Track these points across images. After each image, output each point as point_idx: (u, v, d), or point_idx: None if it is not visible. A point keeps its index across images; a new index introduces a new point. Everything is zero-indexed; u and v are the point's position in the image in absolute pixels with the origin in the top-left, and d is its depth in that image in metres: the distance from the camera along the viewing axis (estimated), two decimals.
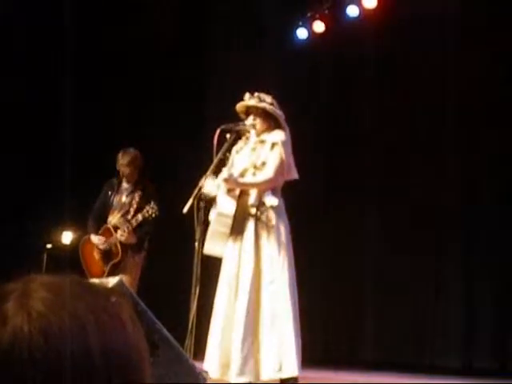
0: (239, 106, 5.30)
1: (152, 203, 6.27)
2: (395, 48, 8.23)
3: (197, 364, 4.37)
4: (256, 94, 5.26)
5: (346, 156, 8.57)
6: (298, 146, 5.38)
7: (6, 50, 8.83)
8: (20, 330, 0.76)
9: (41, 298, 0.79)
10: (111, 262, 6.48)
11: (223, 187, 5.09)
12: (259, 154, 5.18)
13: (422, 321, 7.97)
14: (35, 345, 0.76)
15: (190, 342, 4.67)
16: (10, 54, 8.90)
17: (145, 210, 6.27)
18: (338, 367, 7.53)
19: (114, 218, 6.56)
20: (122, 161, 6.51)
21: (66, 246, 8.55)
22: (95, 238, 6.57)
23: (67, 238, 8.56)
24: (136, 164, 6.55)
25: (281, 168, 5.09)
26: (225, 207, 5.09)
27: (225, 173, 4.98)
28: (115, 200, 6.63)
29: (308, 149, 6.56)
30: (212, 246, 5.08)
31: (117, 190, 6.65)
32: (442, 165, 8.03)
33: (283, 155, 5.09)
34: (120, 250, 6.44)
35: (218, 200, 5.11)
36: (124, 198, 6.58)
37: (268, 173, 5.07)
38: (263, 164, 5.12)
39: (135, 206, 6.39)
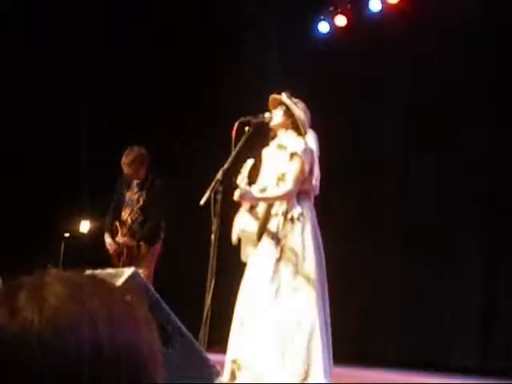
0: (270, 99, 5.29)
1: (135, 209, 6.34)
2: (418, 43, 8.17)
3: (210, 356, 4.37)
4: (289, 93, 5.23)
5: (369, 150, 8.54)
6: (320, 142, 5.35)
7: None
8: (30, 322, 0.76)
9: (54, 292, 0.79)
10: (121, 260, 6.54)
11: (244, 206, 5.09)
12: (279, 162, 5.15)
13: (438, 319, 7.94)
14: (45, 337, 0.75)
15: (203, 334, 4.66)
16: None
17: (134, 211, 6.34)
18: (353, 363, 7.52)
19: (125, 215, 6.63)
20: (125, 160, 6.52)
21: (83, 234, 8.59)
22: (107, 239, 6.65)
23: (85, 226, 8.60)
24: (139, 163, 6.53)
25: (300, 179, 5.05)
26: (247, 224, 5.09)
27: (237, 191, 4.93)
28: (127, 196, 6.68)
29: (329, 145, 6.52)
30: (245, 254, 5.12)
31: (129, 185, 6.69)
32: (466, 158, 7.99)
33: (304, 165, 5.06)
34: (125, 250, 6.51)
35: (243, 218, 5.11)
36: (134, 195, 6.63)
37: (287, 185, 5.03)
38: (284, 175, 5.08)
39: (141, 203, 6.42)
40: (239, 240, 5.07)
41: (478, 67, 7.91)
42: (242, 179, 4.93)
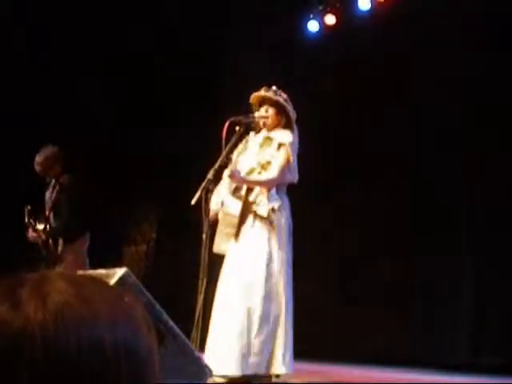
0: (253, 97, 5.28)
1: (49, 207, 6.55)
2: (406, 42, 8.19)
3: (202, 356, 4.38)
4: (273, 87, 5.25)
5: (353, 148, 8.55)
6: (305, 139, 5.37)
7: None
8: (33, 316, 0.76)
9: (57, 287, 0.79)
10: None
11: (228, 187, 5.10)
12: (265, 152, 5.18)
13: (428, 316, 7.96)
14: (48, 332, 0.75)
15: (196, 334, 4.67)
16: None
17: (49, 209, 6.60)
18: (345, 361, 7.54)
19: (47, 213, 6.80)
20: (37, 159, 6.68)
21: None
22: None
23: None
24: (51, 161, 6.67)
25: (286, 169, 5.10)
26: (230, 207, 5.10)
27: (228, 170, 4.98)
28: (46, 195, 6.84)
29: (314, 142, 6.55)
30: (220, 244, 5.11)
31: (47, 185, 6.84)
32: (455, 159, 8.01)
33: (290, 157, 5.09)
34: (42, 247, 6.65)
35: (224, 200, 5.12)
36: (49, 194, 6.78)
37: (273, 172, 5.08)
38: (268, 163, 5.11)
39: (52, 202, 6.62)
40: (213, 227, 5.07)
41: (472, 66, 7.92)
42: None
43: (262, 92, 5.26)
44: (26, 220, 6.65)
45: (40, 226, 6.62)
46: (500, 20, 7.67)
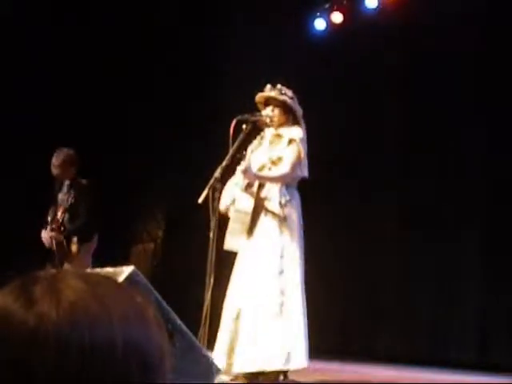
0: (259, 97, 5.31)
1: (65, 209, 6.61)
2: (413, 40, 8.17)
3: (210, 354, 4.38)
4: (278, 86, 5.27)
5: (364, 147, 8.53)
6: (312, 137, 5.37)
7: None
8: (47, 314, 0.75)
9: (71, 285, 0.78)
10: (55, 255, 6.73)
11: (241, 184, 5.12)
12: (276, 148, 5.22)
13: (437, 314, 7.95)
14: (62, 332, 0.75)
15: (203, 332, 4.67)
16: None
17: (64, 211, 6.67)
18: (353, 359, 7.53)
19: (59, 214, 6.83)
20: (54, 161, 6.72)
21: None
22: (42, 234, 6.81)
23: None
24: (68, 164, 6.71)
25: (297, 164, 5.15)
26: (243, 204, 5.12)
27: (242, 165, 5.01)
28: (59, 196, 6.88)
29: (322, 139, 6.54)
30: (231, 241, 5.14)
31: (60, 186, 6.89)
32: (461, 158, 7.99)
33: (301, 152, 5.11)
34: (55, 246, 6.68)
35: (236, 197, 5.14)
36: (64, 195, 6.82)
37: (284, 168, 5.13)
38: (279, 159, 5.15)
39: (69, 203, 6.66)
40: (220, 223, 5.08)
41: (473, 67, 7.89)
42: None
43: (267, 91, 5.28)
44: (50, 219, 6.72)
45: (53, 226, 6.70)
46: (507, 19, 7.65)
